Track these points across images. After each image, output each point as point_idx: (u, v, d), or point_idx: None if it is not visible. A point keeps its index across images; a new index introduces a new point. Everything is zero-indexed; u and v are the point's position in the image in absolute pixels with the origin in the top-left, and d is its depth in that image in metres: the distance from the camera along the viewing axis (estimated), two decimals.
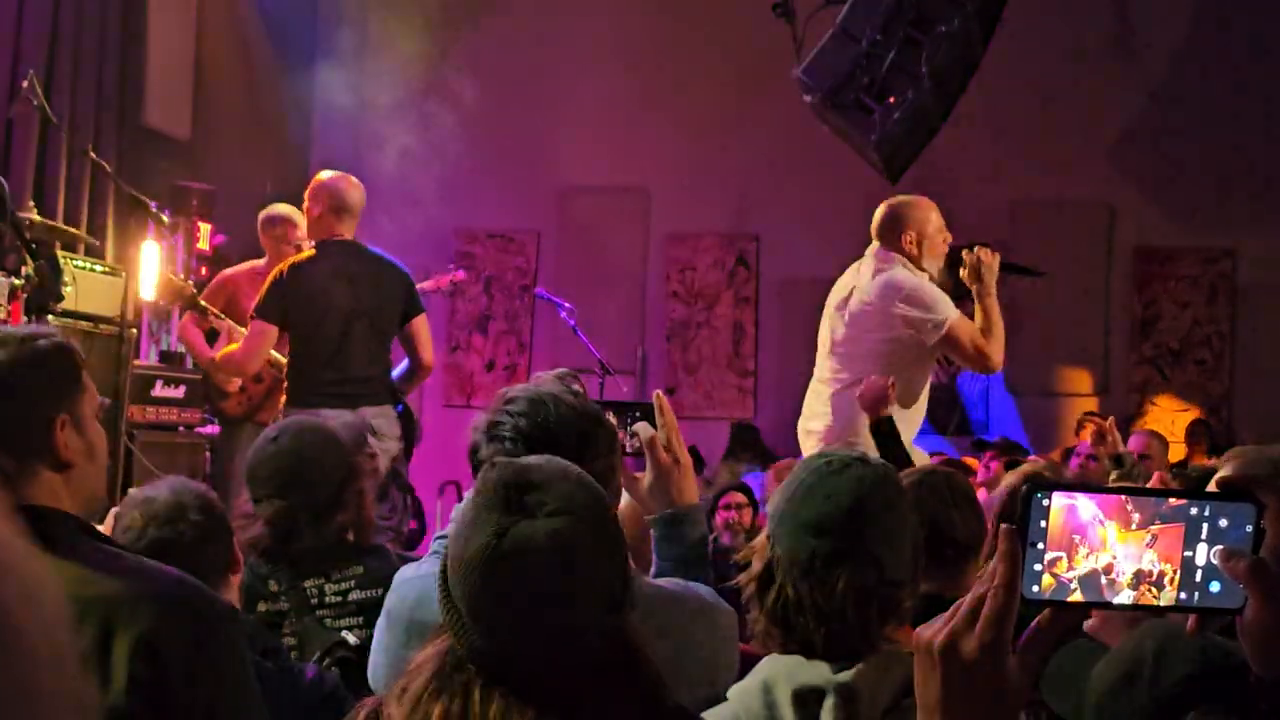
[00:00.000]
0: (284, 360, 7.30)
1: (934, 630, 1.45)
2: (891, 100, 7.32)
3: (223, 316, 7.62)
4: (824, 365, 6.50)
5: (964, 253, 6.26)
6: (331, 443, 3.99)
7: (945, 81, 7.32)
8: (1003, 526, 1.43)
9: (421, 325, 7.21)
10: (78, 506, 2.64)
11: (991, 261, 6.23)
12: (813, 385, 6.50)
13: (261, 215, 8.07)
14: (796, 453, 6.46)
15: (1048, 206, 12.25)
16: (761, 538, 2.59)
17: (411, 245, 12.74)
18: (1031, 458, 7.75)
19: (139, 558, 3.01)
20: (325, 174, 7.16)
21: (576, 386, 2.98)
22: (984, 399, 12.23)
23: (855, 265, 6.62)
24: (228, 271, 8.46)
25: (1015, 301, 12.33)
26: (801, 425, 6.49)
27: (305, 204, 7.14)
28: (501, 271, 13.30)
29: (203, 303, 7.56)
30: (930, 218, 6.49)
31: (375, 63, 13.35)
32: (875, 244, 6.54)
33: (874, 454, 3.30)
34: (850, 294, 6.49)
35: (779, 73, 7.90)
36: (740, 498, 8.05)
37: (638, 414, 3.25)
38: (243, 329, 7.44)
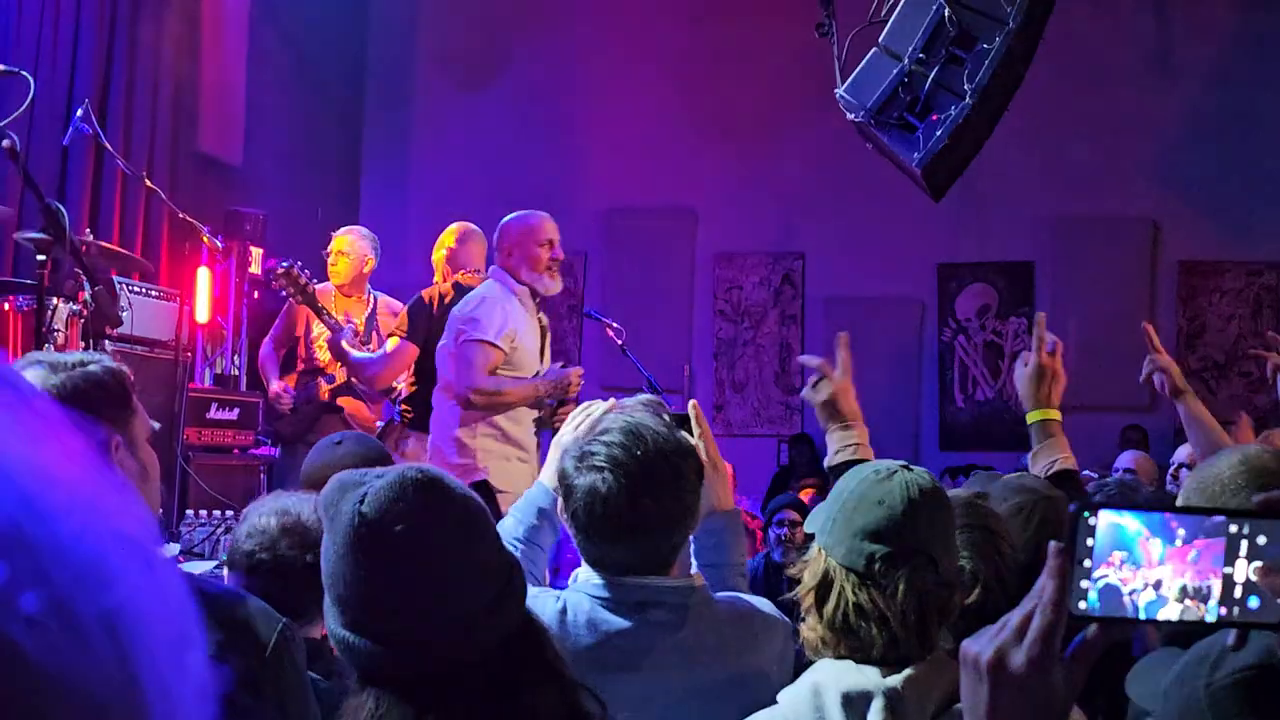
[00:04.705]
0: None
1: (981, 645, 1.50)
2: (934, 118, 7.32)
3: (334, 315, 7.69)
4: None
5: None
6: (384, 452, 4.08)
7: (988, 99, 7.31)
8: (1051, 544, 1.47)
9: None
10: None
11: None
12: None
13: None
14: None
15: (1091, 222, 12.25)
16: (814, 549, 2.62)
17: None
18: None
19: (199, 576, 3.08)
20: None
21: (665, 415, 3.02)
22: None
23: None
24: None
25: (1061, 309, 12.35)
26: None
27: (450, 245, 7.36)
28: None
29: (321, 305, 7.66)
30: (531, 230, 6.59)
31: (422, 88, 13.47)
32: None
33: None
34: None
35: (822, 92, 7.91)
36: (794, 515, 8.05)
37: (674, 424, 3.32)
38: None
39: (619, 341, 8.46)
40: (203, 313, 8.68)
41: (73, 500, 0.65)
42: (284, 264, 7.63)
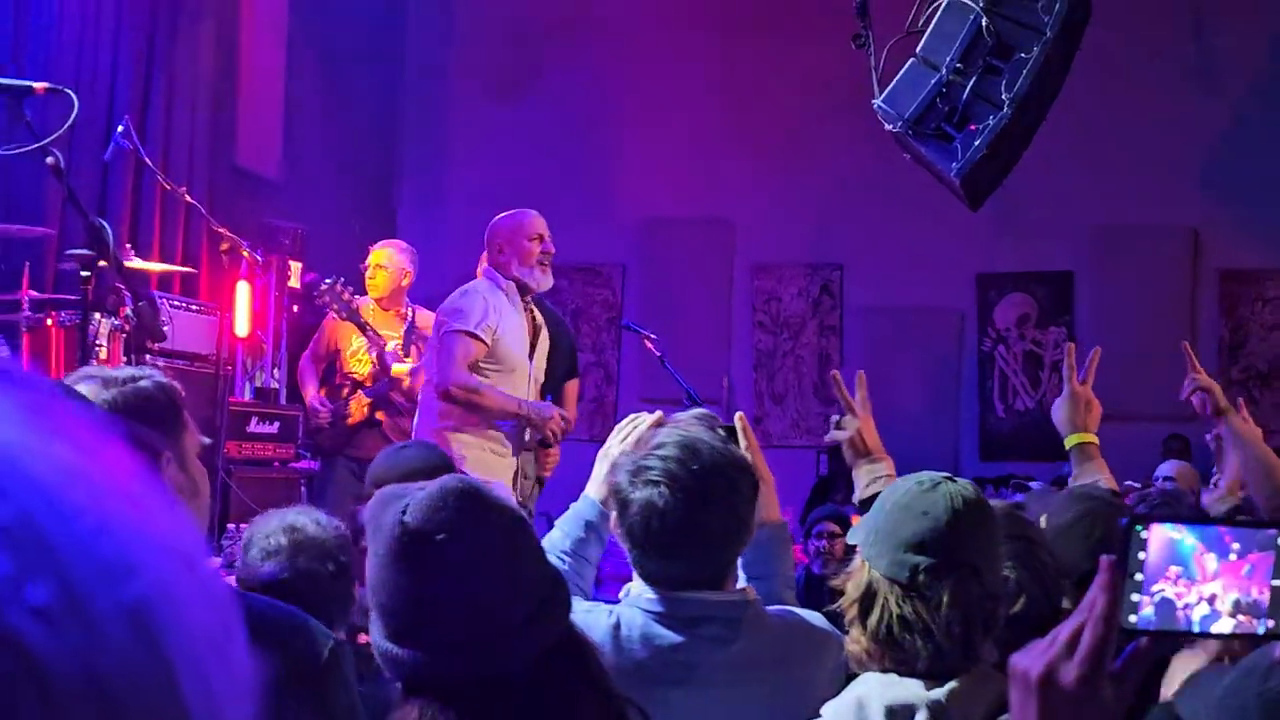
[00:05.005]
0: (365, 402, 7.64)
1: (1031, 659, 1.49)
2: (972, 128, 7.31)
3: (378, 334, 7.75)
4: None
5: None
6: (447, 458, 4.18)
7: (1026, 109, 7.29)
8: (1102, 558, 1.46)
9: (574, 387, 7.40)
10: None
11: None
12: None
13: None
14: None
15: (1130, 231, 12.18)
16: (857, 561, 2.61)
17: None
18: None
19: (247, 594, 3.09)
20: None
21: (719, 429, 3.02)
22: None
23: None
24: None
25: (1101, 318, 12.27)
26: None
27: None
28: (588, 305, 13.37)
29: (365, 321, 7.74)
30: (521, 226, 6.70)
31: (458, 101, 13.50)
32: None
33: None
34: None
35: (859, 102, 7.91)
36: (834, 527, 8.02)
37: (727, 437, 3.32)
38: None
39: (657, 353, 8.47)
40: (242, 327, 8.71)
41: (98, 497, 0.65)
42: (327, 281, 7.69)
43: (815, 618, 3.02)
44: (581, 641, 2.09)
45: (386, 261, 8.09)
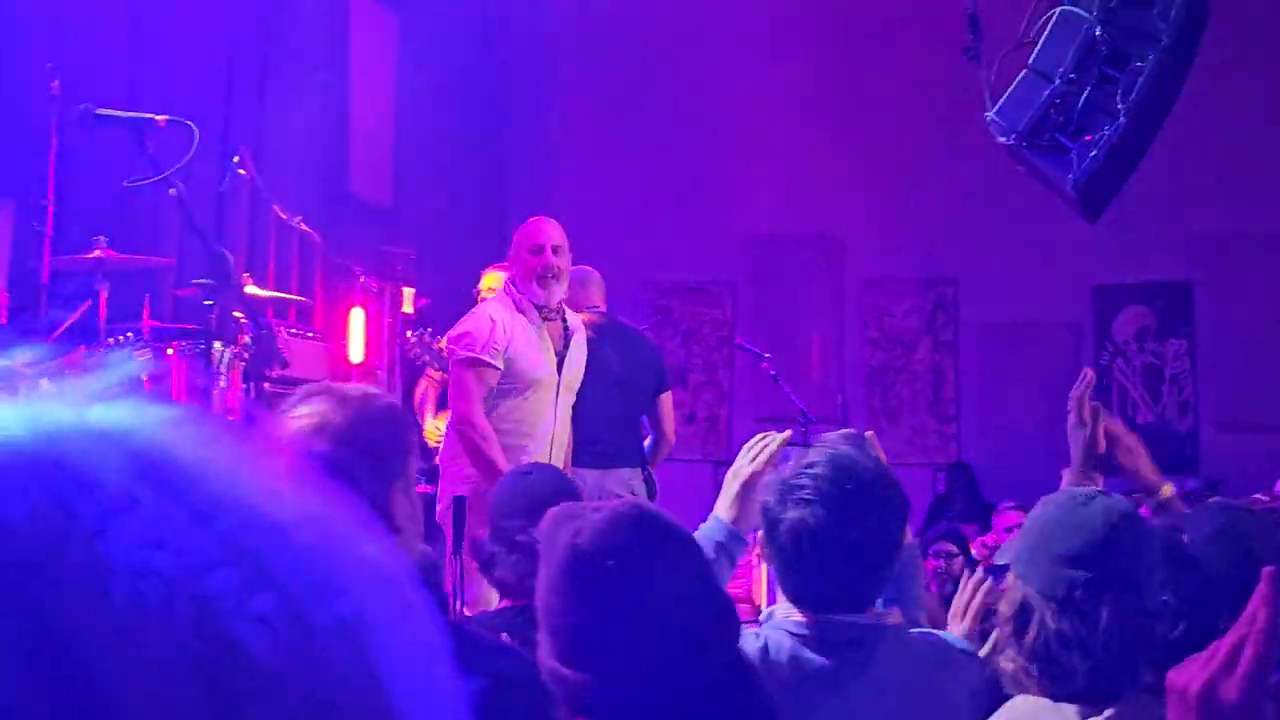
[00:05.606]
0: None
1: (1189, 674, 1.45)
2: (1088, 139, 7.24)
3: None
4: None
5: None
6: (571, 484, 4.20)
7: (1142, 118, 7.21)
8: (1265, 570, 1.42)
9: (669, 400, 7.39)
10: None
11: None
12: None
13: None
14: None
15: (1249, 240, 11.99)
16: (1009, 578, 2.55)
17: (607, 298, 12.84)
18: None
19: (455, 620, 3.05)
20: None
21: (869, 449, 3.00)
22: (1193, 437, 11.97)
23: None
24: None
25: (1221, 329, 12.07)
26: None
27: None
28: (698, 324, 13.35)
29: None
30: (523, 240, 6.62)
31: (565, 121, 13.55)
32: None
33: None
34: None
35: (971, 115, 7.85)
36: (951, 546, 7.95)
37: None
38: None
39: (772, 373, 8.45)
40: (357, 353, 8.79)
41: (305, 519, 0.67)
42: (413, 333, 7.76)
43: (955, 639, 2.99)
44: (750, 667, 2.08)
45: (499, 284, 8.13)
